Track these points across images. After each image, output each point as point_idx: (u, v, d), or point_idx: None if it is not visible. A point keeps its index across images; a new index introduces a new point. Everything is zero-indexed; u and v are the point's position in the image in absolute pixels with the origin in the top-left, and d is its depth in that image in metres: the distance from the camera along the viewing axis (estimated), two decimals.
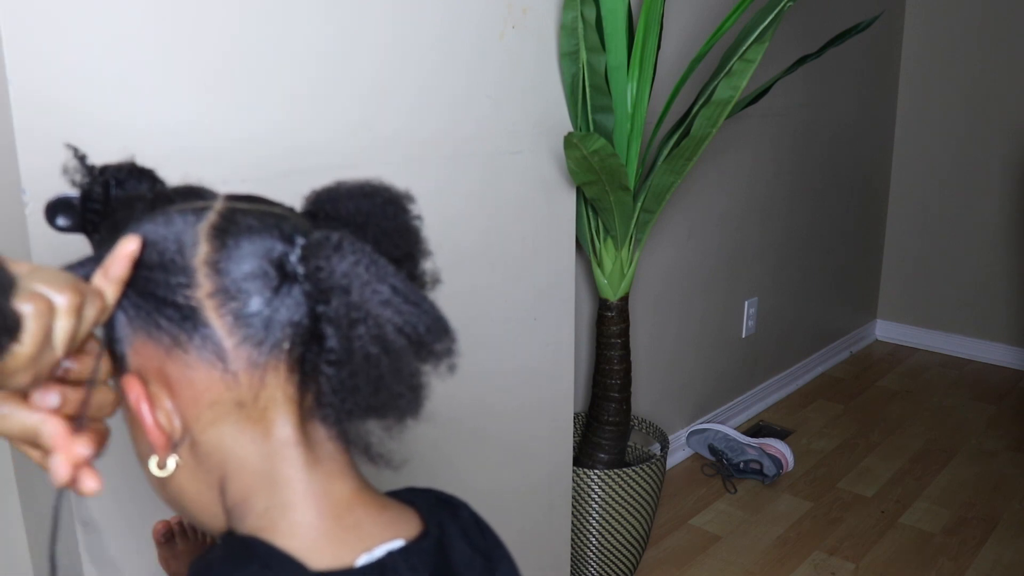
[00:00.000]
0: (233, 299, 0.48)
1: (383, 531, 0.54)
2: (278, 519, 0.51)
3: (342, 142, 1.20)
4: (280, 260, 0.49)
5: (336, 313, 0.47)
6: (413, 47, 1.26)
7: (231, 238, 0.49)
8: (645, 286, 2.28)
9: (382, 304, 0.47)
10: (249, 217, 0.50)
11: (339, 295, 0.47)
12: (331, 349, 0.48)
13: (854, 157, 3.18)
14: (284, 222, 0.51)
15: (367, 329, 0.47)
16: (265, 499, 0.52)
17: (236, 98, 1.07)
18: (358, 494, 0.55)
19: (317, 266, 0.48)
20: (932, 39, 3.25)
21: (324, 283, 0.48)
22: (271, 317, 0.49)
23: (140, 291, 0.49)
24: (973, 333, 3.33)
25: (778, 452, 2.45)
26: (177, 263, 0.48)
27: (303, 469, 0.52)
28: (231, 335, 0.49)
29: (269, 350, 0.49)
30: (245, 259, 0.48)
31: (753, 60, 1.54)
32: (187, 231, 0.49)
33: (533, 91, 1.47)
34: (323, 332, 0.48)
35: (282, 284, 0.49)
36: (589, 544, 1.89)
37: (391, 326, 0.48)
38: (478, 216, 1.41)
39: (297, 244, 0.49)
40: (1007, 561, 2.04)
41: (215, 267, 0.48)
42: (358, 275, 0.47)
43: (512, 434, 1.57)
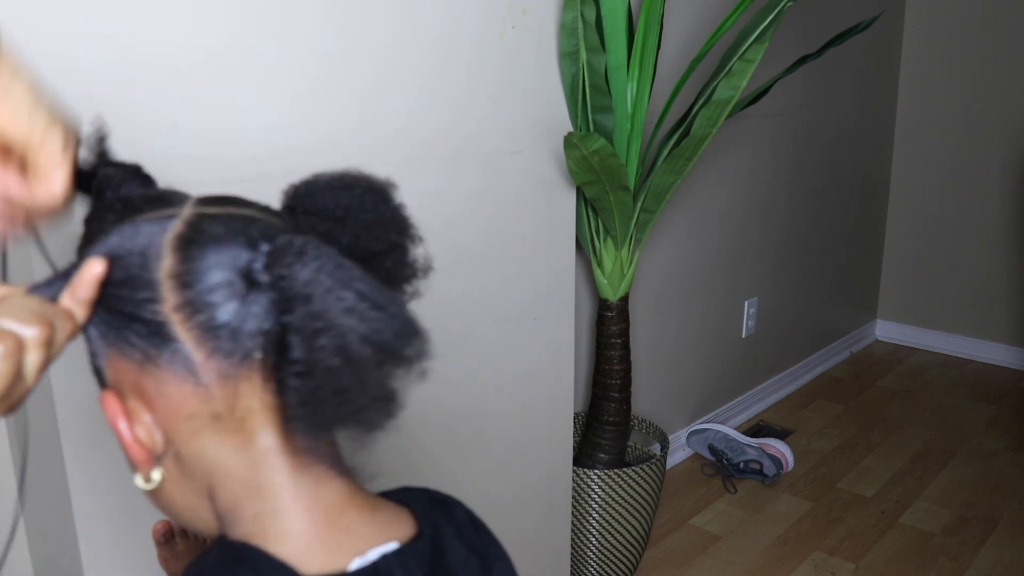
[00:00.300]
0: (199, 312, 0.47)
1: (376, 534, 0.53)
2: (268, 525, 0.51)
3: (342, 142, 1.20)
4: (246, 268, 0.48)
5: (299, 323, 0.46)
6: (413, 47, 1.26)
7: (196, 249, 0.48)
8: (645, 286, 2.28)
9: (345, 312, 0.46)
10: (216, 224, 0.49)
11: (301, 304, 0.46)
12: (296, 360, 0.47)
13: (854, 157, 3.18)
14: (252, 226, 0.49)
15: (329, 340, 0.46)
16: (254, 506, 0.51)
17: (236, 98, 1.07)
18: (349, 497, 0.54)
19: (280, 274, 0.47)
20: (932, 39, 3.25)
21: (287, 292, 0.47)
22: (239, 328, 0.47)
23: (109, 308, 0.49)
24: (973, 333, 3.33)
25: (778, 452, 2.45)
26: (142, 278, 0.48)
27: (289, 476, 0.51)
28: (200, 348, 0.48)
29: (240, 361, 0.48)
30: (211, 270, 0.47)
31: (753, 60, 1.54)
32: (152, 243, 0.48)
33: (533, 91, 1.47)
34: (288, 342, 0.47)
35: (249, 293, 0.48)
36: (589, 544, 1.88)
37: (354, 335, 0.46)
38: (478, 216, 1.41)
39: (261, 251, 0.48)
40: (1007, 561, 2.04)
41: (180, 280, 0.47)
42: (320, 282, 0.46)
43: (512, 434, 1.57)
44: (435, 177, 1.34)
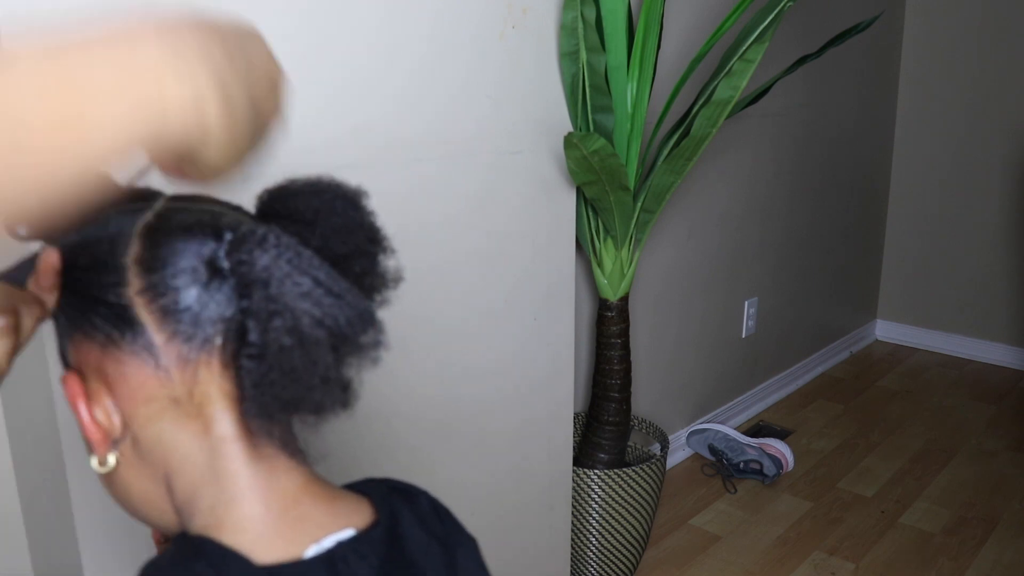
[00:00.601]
0: (162, 295, 0.49)
1: (332, 522, 0.54)
2: (224, 515, 0.51)
3: (341, 143, 1.20)
4: (211, 257, 0.49)
5: (256, 307, 0.47)
6: (413, 47, 1.26)
7: (163, 236, 0.49)
8: (645, 286, 2.28)
9: (301, 296, 0.47)
10: (185, 215, 0.50)
11: (259, 288, 0.47)
12: (251, 343, 0.48)
13: (854, 157, 3.18)
14: (221, 219, 0.51)
15: (283, 322, 0.47)
16: (210, 495, 0.52)
17: None
18: (305, 486, 0.54)
19: (239, 260, 0.48)
20: (932, 39, 3.25)
21: (247, 277, 0.48)
22: (200, 313, 0.49)
23: (75, 291, 0.50)
24: (973, 333, 3.33)
25: (778, 452, 2.45)
26: (109, 264, 0.49)
27: (246, 464, 0.52)
28: (161, 331, 0.49)
29: (200, 346, 0.49)
30: (176, 256, 0.49)
31: (753, 60, 1.54)
32: (122, 232, 0.50)
33: (533, 91, 1.47)
34: (246, 326, 0.48)
35: (212, 280, 0.49)
36: (589, 544, 1.88)
37: (308, 318, 0.47)
38: (478, 216, 1.41)
39: (225, 240, 0.50)
40: (1007, 561, 2.04)
41: (145, 265, 0.49)
42: (279, 267, 0.47)
43: (512, 434, 1.57)
44: (435, 177, 1.34)
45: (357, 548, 0.53)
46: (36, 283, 0.50)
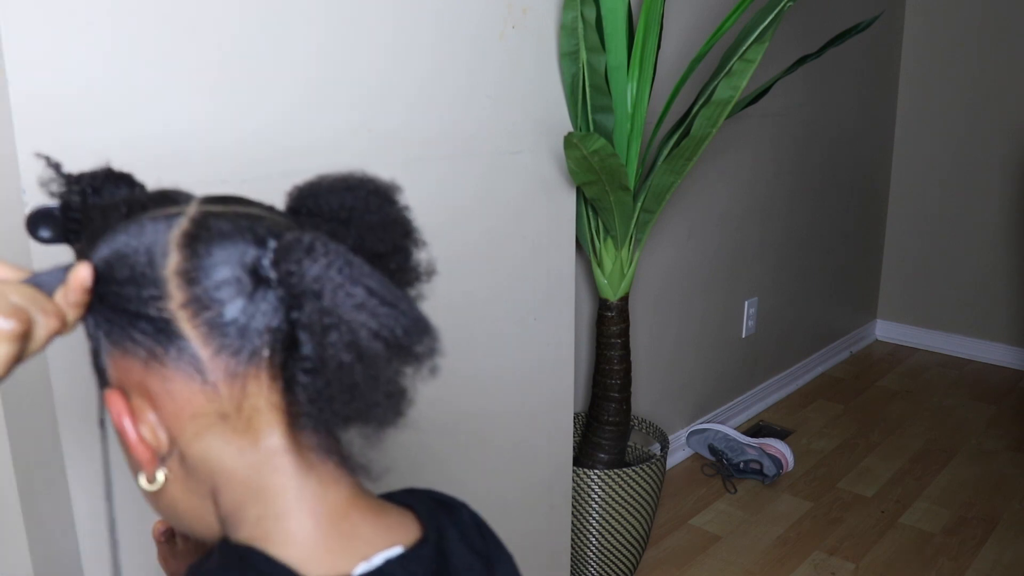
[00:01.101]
0: (206, 308, 0.47)
1: (381, 538, 0.53)
2: (272, 528, 0.50)
3: (342, 142, 1.20)
4: (254, 265, 0.47)
5: (309, 319, 0.46)
6: (413, 47, 1.26)
7: (202, 245, 0.47)
8: (645, 286, 2.28)
9: (356, 308, 0.45)
10: (222, 221, 0.48)
11: (311, 300, 0.46)
12: (306, 357, 0.46)
13: (854, 157, 3.18)
14: (259, 224, 0.49)
15: (340, 336, 0.45)
16: (258, 508, 0.51)
17: (236, 99, 1.07)
18: (354, 500, 0.53)
19: (288, 270, 0.46)
20: (932, 39, 3.25)
21: (296, 288, 0.46)
22: (247, 325, 0.47)
23: (113, 306, 0.48)
24: (973, 333, 3.33)
25: (778, 452, 2.45)
26: (148, 276, 0.47)
27: (295, 477, 0.51)
28: (207, 345, 0.47)
29: (248, 359, 0.48)
30: (217, 267, 0.47)
31: (753, 60, 1.54)
32: (158, 241, 0.47)
33: (533, 91, 1.47)
34: (298, 338, 0.47)
35: (256, 289, 0.47)
36: (589, 544, 1.88)
37: (365, 331, 0.46)
38: (478, 216, 1.41)
39: (269, 247, 0.48)
40: (1007, 561, 2.04)
41: (186, 277, 0.47)
42: (330, 278, 0.45)
43: (512, 434, 1.57)
44: (435, 177, 1.34)
45: (405, 566, 0.52)
46: (64, 296, 0.48)
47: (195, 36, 1.02)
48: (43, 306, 0.47)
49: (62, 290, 0.48)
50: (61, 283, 0.48)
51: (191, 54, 1.02)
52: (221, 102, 1.06)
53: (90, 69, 0.93)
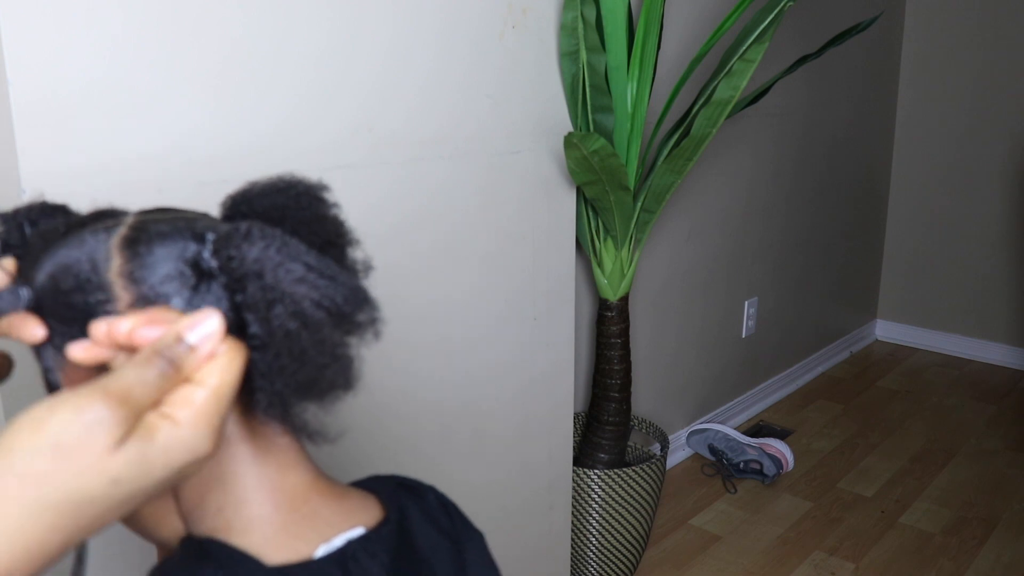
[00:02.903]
0: (153, 305, 0.48)
1: (342, 520, 0.54)
2: (232, 517, 0.51)
3: (342, 143, 1.20)
4: (195, 259, 0.49)
5: (253, 298, 0.47)
6: (413, 47, 1.26)
7: (143, 246, 0.48)
8: (645, 286, 2.28)
9: (296, 282, 0.47)
10: (160, 224, 0.50)
11: (253, 280, 0.47)
12: (253, 335, 0.47)
13: (854, 157, 3.18)
14: (196, 222, 0.51)
15: (284, 308, 0.47)
16: (217, 498, 0.51)
17: (237, 100, 1.07)
18: (314, 483, 0.54)
19: (228, 255, 0.47)
20: (932, 39, 3.25)
21: (237, 271, 0.47)
22: None
23: (63, 318, 0.49)
24: (973, 333, 3.33)
25: (778, 452, 2.45)
26: (93, 281, 0.48)
27: (252, 463, 0.52)
28: None
29: None
30: (159, 263, 0.48)
31: (753, 60, 1.54)
32: (99, 248, 0.49)
33: (533, 91, 1.47)
34: (245, 320, 0.48)
35: (200, 282, 0.48)
36: (589, 544, 1.89)
37: (308, 301, 0.47)
38: (478, 216, 1.41)
39: (208, 240, 0.49)
40: (1007, 561, 2.04)
41: (131, 277, 0.48)
42: (269, 258, 0.47)
43: (512, 434, 1.57)
44: (435, 177, 1.34)
45: (367, 546, 0.53)
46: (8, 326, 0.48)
47: (196, 38, 1.02)
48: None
49: (4, 320, 0.48)
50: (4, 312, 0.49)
51: (192, 56, 1.02)
52: (222, 103, 1.06)
53: (91, 71, 0.93)
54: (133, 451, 0.40)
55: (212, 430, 0.43)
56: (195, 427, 0.42)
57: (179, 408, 0.42)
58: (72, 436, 0.39)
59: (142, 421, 0.41)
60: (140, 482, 0.40)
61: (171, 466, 0.41)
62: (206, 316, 0.45)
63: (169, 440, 0.41)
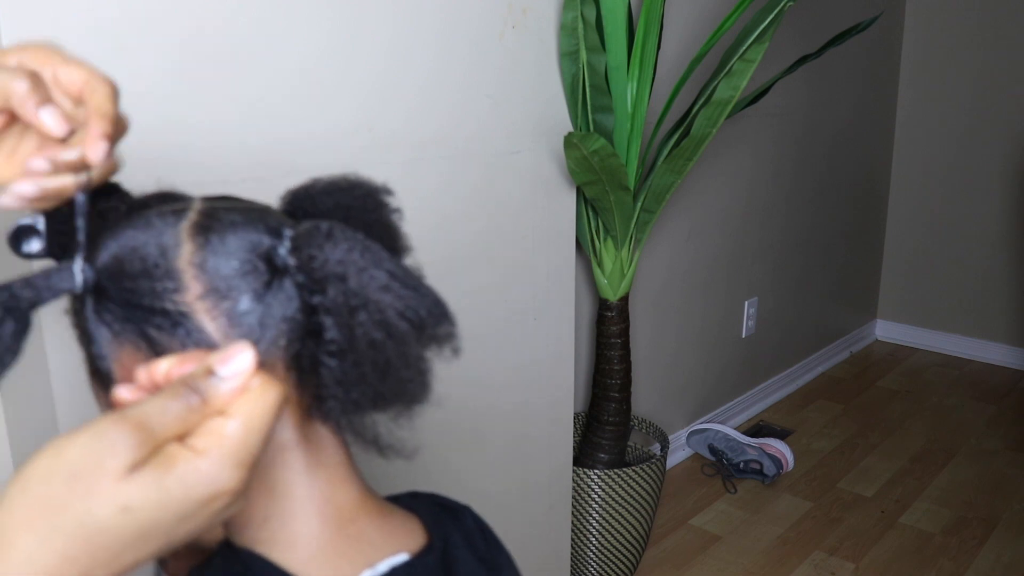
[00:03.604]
0: (224, 299, 0.45)
1: (386, 543, 0.52)
2: (278, 530, 0.49)
3: (342, 143, 1.20)
4: (268, 253, 0.46)
5: (334, 302, 0.45)
6: (413, 47, 1.26)
7: (215, 235, 0.46)
8: (645, 286, 2.28)
9: (381, 289, 0.45)
10: (232, 213, 0.47)
11: (335, 283, 0.45)
12: (331, 340, 0.46)
13: (854, 157, 3.18)
14: (268, 215, 0.49)
15: (369, 315, 0.45)
16: (264, 508, 0.49)
17: (236, 99, 1.07)
18: (362, 501, 0.52)
19: (310, 255, 0.45)
20: (932, 39, 3.25)
21: (318, 272, 0.45)
22: (265, 313, 0.46)
23: (125, 303, 0.46)
24: (973, 333, 3.33)
25: (778, 452, 2.45)
26: (161, 267, 0.45)
27: (304, 473, 0.50)
28: (227, 337, 0.46)
29: (265, 349, 0.46)
30: (232, 255, 0.46)
31: (753, 60, 1.54)
32: (167, 232, 0.46)
33: (533, 91, 1.47)
34: (321, 324, 0.46)
35: (272, 278, 0.46)
36: (589, 544, 1.88)
37: (392, 310, 0.45)
38: (478, 216, 1.41)
39: (285, 236, 0.47)
40: (1007, 561, 2.04)
41: (202, 267, 0.45)
42: (353, 261, 0.45)
43: (512, 434, 1.57)
44: (435, 177, 1.34)
45: (411, 573, 0.51)
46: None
47: (196, 37, 1.02)
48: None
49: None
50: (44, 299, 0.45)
51: (191, 55, 1.02)
52: (221, 102, 1.06)
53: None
54: (147, 478, 0.38)
55: (237, 463, 0.40)
56: (218, 458, 0.40)
57: (203, 439, 0.40)
58: (86, 461, 0.37)
59: (163, 451, 0.39)
60: (155, 513, 0.38)
61: (191, 498, 0.39)
62: (239, 350, 0.42)
63: (188, 470, 0.39)
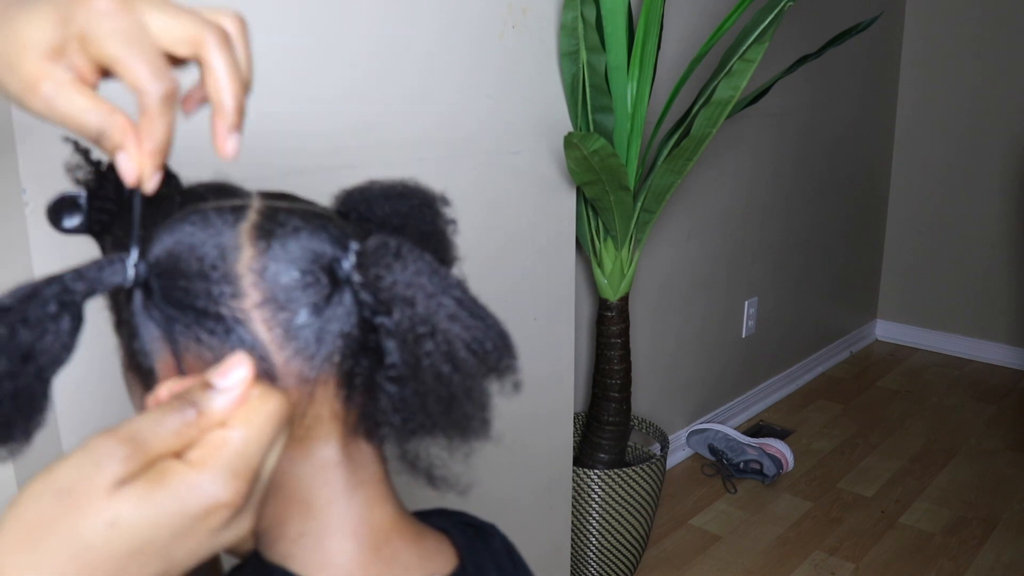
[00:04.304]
0: (283, 309, 0.43)
1: (419, 566, 0.51)
2: (312, 548, 0.48)
3: (341, 143, 1.20)
4: (331, 265, 0.44)
5: (398, 327, 0.43)
6: (413, 47, 1.26)
7: (277, 240, 0.44)
8: (645, 286, 2.28)
9: (449, 318, 0.43)
10: (294, 217, 0.45)
11: (402, 307, 0.43)
12: (393, 365, 0.44)
13: (854, 157, 3.18)
14: (330, 224, 0.46)
15: (436, 345, 0.43)
16: (299, 524, 0.48)
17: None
18: (396, 522, 0.51)
19: (377, 275, 0.43)
20: (932, 39, 3.25)
21: (385, 293, 0.43)
22: (323, 328, 0.44)
23: (177, 302, 0.43)
24: (973, 333, 3.33)
25: (778, 452, 2.45)
26: (219, 269, 0.43)
27: (343, 492, 0.48)
28: (282, 349, 0.44)
29: (320, 364, 0.45)
30: (294, 263, 0.43)
31: (753, 60, 1.54)
32: (226, 232, 0.44)
33: (533, 91, 1.47)
34: (382, 346, 0.44)
35: (333, 292, 0.44)
36: (589, 544, 1.88)
37: (460, 342, 0.43)
38: (478, 216, 1.41)
39: (351, 249, 0.45)
40: (1007, 561, 2.04)
41: (262, 274, 0.43)
42: (422, 286, 0.43)
43: (512, 434, 1.57)
44: (435, 177, 1.34)
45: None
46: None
47: None
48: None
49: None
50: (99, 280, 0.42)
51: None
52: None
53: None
54: (136, 492, 0.36)
55: (233, 474, 0.38)
56: (212, 469, 0.37)
57: (199, 451, 0.38)
58: (74, 477, 0.36)
59: (157, 465, 0.37)
60: (146, 529, 0.36)
61: (184, 512, 0.36)
62: (236, 362, 0.41)
63: (180, 482, 0.37)
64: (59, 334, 0.40)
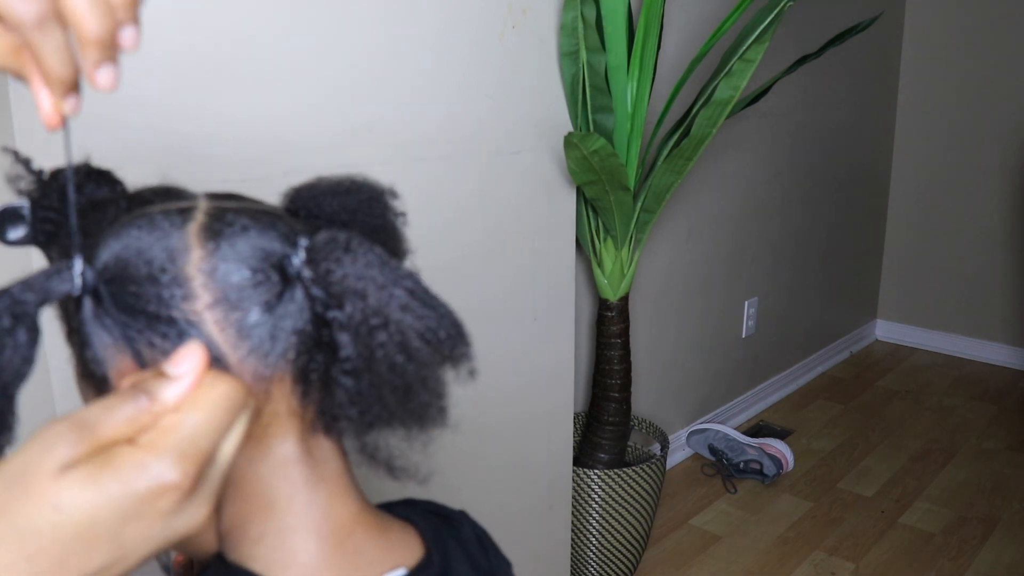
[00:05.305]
0: (235, 309, 0.43)
1: (384, 558, 0.51)
2: (274, 548, 0.48)
3: (341, 142, 1.20)
4: (280, 262, 0.44)
5: (351, 320, 0.43)
6: (413, 47, 1.26)
7: (225, 240, 0.43)
8: (645, 286, 2.28)
9: (401, 309, 0.43)
10: (242, 216, 0.45)
11: (354, 300, 0.43)
12: (347, 358, 0.44)
13: (854, 157, 3.18)
14: (278, 221, 0.46)
15: (389, 336, 0.43)
16: (261, 524, 0.48)
17: (235, 99, 1.07)
18: (359, 516, 0.51)
19: (327, 269, 0.43)
20: (932, 39, 3.25)
21: (336, 287, 0.43)
22: (276, 326, 0.44)
23: (128, 308, 0.43)
24: (973, 333, 3.33)
25: (778, 452, 2.45)
26: (169, 272, 0.43)
27: (304, 489, 0.48)
28: (236, 349, 0.44)
29: (275, 361, 0.45)
30: (244, 262, 0.43)
31: (753, 60, 1.54)
32: (174, 235, 0.43)
33: (533, 91, 1.47)
34: (336, 340, 0.44)
35: (284, 289, 0.44)
36: (589, 544, 1.88)
37: (413, 332, 0.44)
38: (478, 216, 1.41)
39: (300, 245, 0.45)
40: (1007, 561, 2.04)
41: (211, 274, 0.43)
42: (373, 278, 0.43)
43: (512, 434, 1.57)
44: (435, 177, 1.34)
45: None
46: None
47: (195, 36, 1.02)
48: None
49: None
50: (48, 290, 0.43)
51: (191, 54, 1.02)
52: (220, 102, 1.06)
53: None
54: (81, 474, 0.35)
55: (180, 455, 0.37)
56: (158, 450, 0.37)
57: (148, 434, 0.38)
58: (24, 463, 0.35)
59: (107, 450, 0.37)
60: (91, 511, 0.35)
61: (130, 493, 0.36)
62: (189, 351, 0.40)
63: (125, 463, 0.36)
64: (17, 347, 0.39)
